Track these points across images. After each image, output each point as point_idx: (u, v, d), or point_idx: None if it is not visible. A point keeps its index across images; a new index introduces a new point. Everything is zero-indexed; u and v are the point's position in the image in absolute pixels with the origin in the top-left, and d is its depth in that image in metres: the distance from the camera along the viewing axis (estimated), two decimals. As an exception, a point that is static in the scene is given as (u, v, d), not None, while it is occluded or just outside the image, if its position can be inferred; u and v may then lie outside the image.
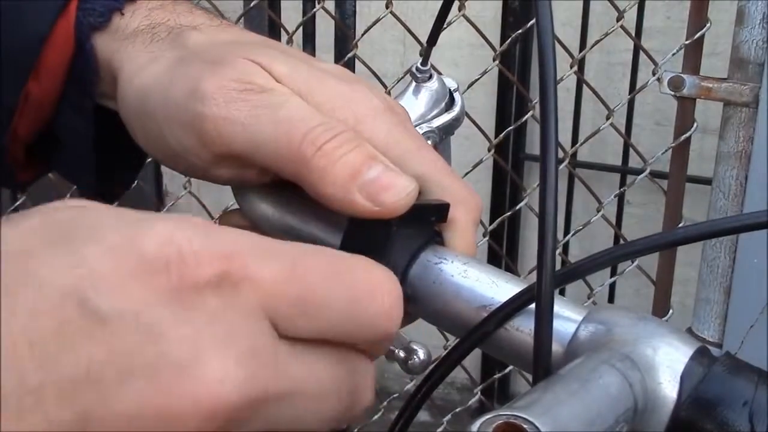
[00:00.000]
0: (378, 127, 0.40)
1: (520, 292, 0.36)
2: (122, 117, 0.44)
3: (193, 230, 0.27)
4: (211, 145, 0.39)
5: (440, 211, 0.40)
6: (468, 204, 0.41)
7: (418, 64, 0.50)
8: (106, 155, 0.48)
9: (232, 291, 0.27)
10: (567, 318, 0.35)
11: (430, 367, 0.38)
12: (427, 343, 0.37)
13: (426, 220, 0.39)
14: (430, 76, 0.50)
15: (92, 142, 0.47)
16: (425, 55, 0.50)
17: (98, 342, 0.25)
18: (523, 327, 0.36)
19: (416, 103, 0.49)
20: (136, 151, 0.45)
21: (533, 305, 0.33)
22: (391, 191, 0.36)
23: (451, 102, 0.50)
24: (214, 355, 0.25)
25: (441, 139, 0.49)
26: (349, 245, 0.37)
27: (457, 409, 1.83)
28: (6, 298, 0.25)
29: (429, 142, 0.49)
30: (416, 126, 0.49)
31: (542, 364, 0.33)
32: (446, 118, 0.50)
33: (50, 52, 0.45)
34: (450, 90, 0.51)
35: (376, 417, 1.80)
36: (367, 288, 0.30)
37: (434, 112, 0.50)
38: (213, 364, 0.25)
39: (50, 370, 0.24)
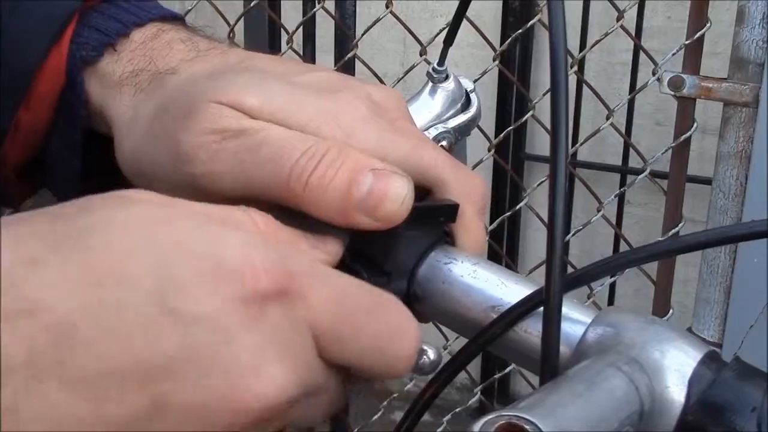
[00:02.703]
0: (368, 136, 0.39)
1: (528, 295, 0.36)
2: (123, 173, 0.44)
3: (266, 247, 0.31)
4: (208, 197, 0.38)
5: (448, 211, 0.40)
6: (472, 195, 0.41)
7: (435, 65, 0.49)
8: (96, 179, 0.48)
9: (290, 306, 0.31)
10: (575, 320, 0.35)
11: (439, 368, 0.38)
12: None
13: (434, 221, 0.40)
14: (447, 77, 0.50)
15: (79, 171, 0.47)
16: (441, 55, 0.49)
17: (178, 340, 0.28)
18: (531, 329, 0.36)
19: (432, 103, 0.49)
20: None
21: (542, 307, 0.33)
22: (386, 204, 0.36)
23: (468, 103, 0.50)
24: (276, 361, 0.30)
25: (456, 139, 0.49)
26: (355, 250, 0.37)
27: (457, 409, 1.83)
28: (98, 288, 0.28)
29: (444, 143, 0.48)
30: (432, 126, 0.48)
31: (549, 366, 0.33)
32: (462, 118, 0.49)
33: (41, 81, 0.45)
34: (466, 90, 0.50)
35: (376, 417, 1.80)
36: (397, 330, 0.33)
37: (450, 113, 0.49)
38: (275, 368, 0.29)
39: (133, 359, 0.27)
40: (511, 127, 1.69)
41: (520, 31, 1.53)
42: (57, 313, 0.27)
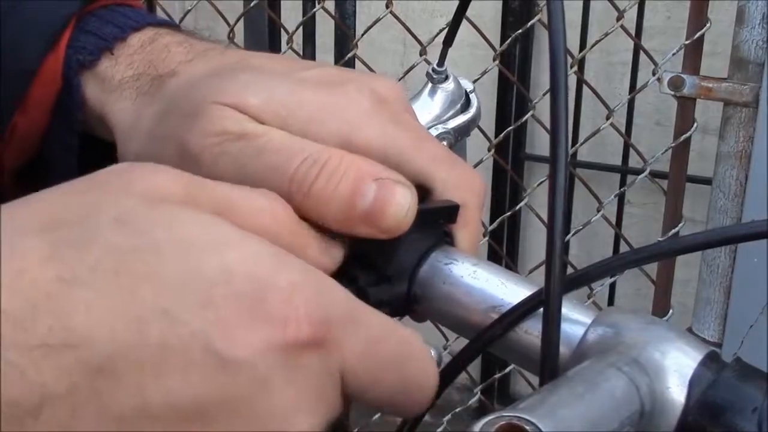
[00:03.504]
0: (370, 130, 0.39)
1: (529, 296, 0.36)
2: None
3: (310, 289, 0.30)
4: None
5: (449, 212, 0.40)
6: (472, 191, 0.41)
7: (435, 65, 0.49)
8: None
9: (326, 355, 0.30)
10: (575, 321, 0.35)
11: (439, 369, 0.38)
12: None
13: (435, 222, 0.40)
14: (446, 77, 0.50)
15: (76, 175, 0.47)
16: (441, 56, 0.49)
17: (216, 383, 0.27)
18: (531, 330, 0.36)
19: (432, 104, 0.49)
20: None
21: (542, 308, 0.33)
22: (390, 215, 0.36)
23: (467, 103, 0.50)
24: (309, 411, 0.30)
25: (456, 140, 0.49)
26: (357, 249, 0.37)
27: (457, 409, 1.84)
28: (141, 325, 0.27)
29: (444, 143, 0.48)
30: (431, 127, 0.48)
31: (549, 366, 0.33)
32: (462, 119, 0.49)
33: (38, 86, 0.45)
34: (466, 91, 0.50)
35: (376, 417, 1.80)
36: (421, 379, 0.33)
37: (450, 113, 0.49)
38: (308, 418, 0.30)
39: (168, 399, 0.27)
40: (511, 127, 1.69)
41: (520, 31, 1.53)
42: (98, 348, 0.26)
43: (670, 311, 1.31)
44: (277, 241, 0.32)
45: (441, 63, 0.49)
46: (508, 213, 1.75)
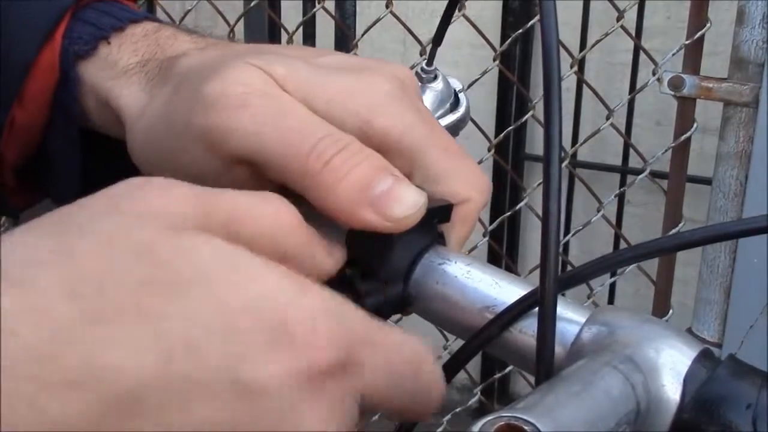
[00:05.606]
0: (390, 114, 0.39)
1: (524, 295, 0.36)
2: (137, 165, 0.43)
3: (331, 316, 0.30)
4: (219, 151, 0.38)
5: (444, 212, 0.40)
6: (477, 189, 0.41)
7: (423, 65, 0.50)
8: (98, 181, 0.48)
9: (347, 377, 0.30)
10: (570, 320, 0.35)
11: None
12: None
13: (429, 223, 0.40)
14: (435, 77, 0.50)
15: (79, 168, 0.46)
16: (430, 55, 0.49)
17: (242, 414, 0.27)
18: (526, 329, 0.36)
19: None
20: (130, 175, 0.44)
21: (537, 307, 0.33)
22: (400, 206, 0.36)
23: (456, 102, 0.50)
24: None
25: None
26: (351, 247, 0.37)
27: (457, 409, 1.83)
28: (168, 361, 0.27)
29: None
30: None
31: (545, 366, 0.33)
32: (451, 118, 0.49)
33: (34, 78, 0.45)
34: (455, 90, 0.50)
35: (375, 417, 1.79)
36: (431, 389, 0.33)
37: (439, 113, 0.49)
38: None
39: (195, 428, 0.27)
40: (511, 127, 1.69)
41: (520, 31, 1.53)
42: (123, 384, 0.26)
43: (670, 311, 1.31)
44: (285, 245, 0.32)
45: (430, 62, 0.50)
46: (508, 213, 1.75)
